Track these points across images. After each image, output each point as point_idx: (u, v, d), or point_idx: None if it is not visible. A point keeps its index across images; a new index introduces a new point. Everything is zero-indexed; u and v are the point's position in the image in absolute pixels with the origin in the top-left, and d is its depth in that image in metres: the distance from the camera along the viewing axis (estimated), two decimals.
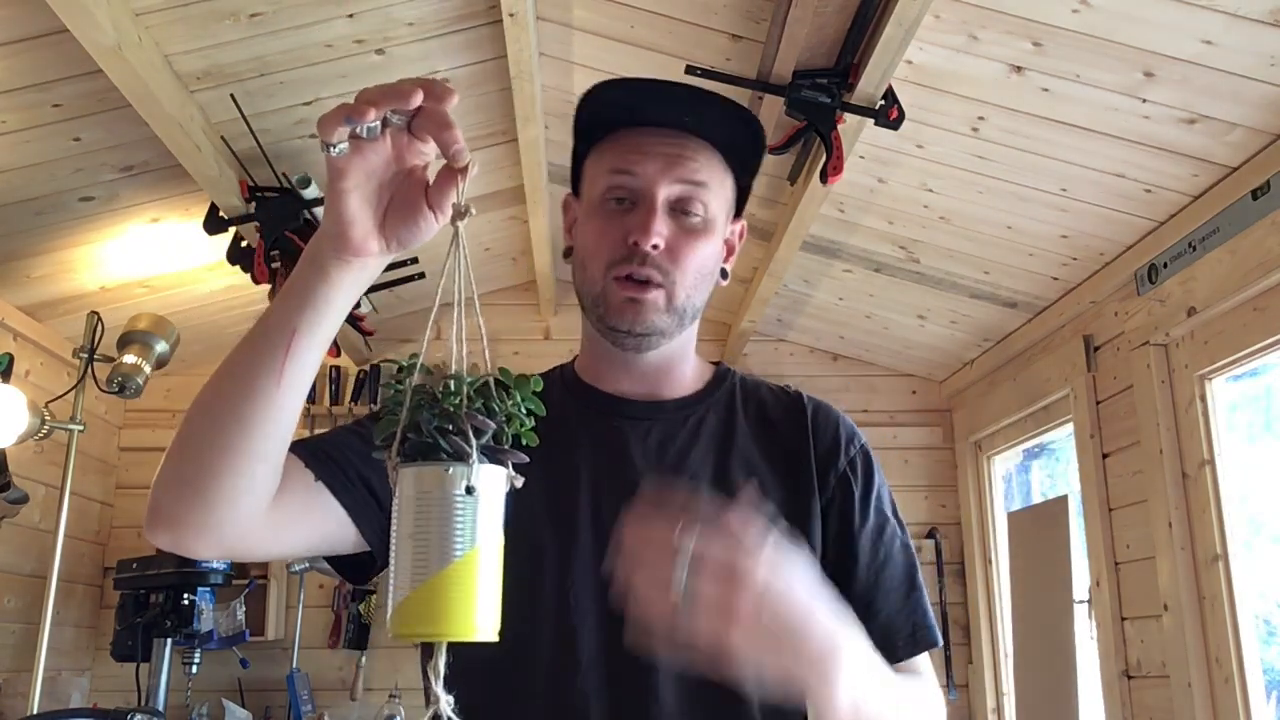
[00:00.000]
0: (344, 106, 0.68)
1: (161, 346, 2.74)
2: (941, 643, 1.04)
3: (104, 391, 2.68)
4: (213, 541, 0.81)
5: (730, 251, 1.09)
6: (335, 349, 2.96)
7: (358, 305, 2.84)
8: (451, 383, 0.66)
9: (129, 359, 2.68)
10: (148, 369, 2.71)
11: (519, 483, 0.67)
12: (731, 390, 1.09)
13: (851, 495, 1.01)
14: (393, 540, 0.65)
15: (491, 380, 0.67)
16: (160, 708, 2.98)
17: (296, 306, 0.76)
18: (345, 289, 0.76)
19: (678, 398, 1.06)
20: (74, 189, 2.42)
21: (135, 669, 2.97)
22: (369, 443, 0.75)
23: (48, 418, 2.62)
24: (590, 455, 1.01)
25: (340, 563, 0.98)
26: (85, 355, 2.67)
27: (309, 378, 0.79)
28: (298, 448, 0.89)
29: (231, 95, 2.20)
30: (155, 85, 1.95)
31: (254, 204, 2.48)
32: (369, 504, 0.92)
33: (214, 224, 2.52)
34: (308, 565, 3.32)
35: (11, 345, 2.81)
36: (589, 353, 1.09)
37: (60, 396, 2.70)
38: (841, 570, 0.99)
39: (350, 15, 2.08)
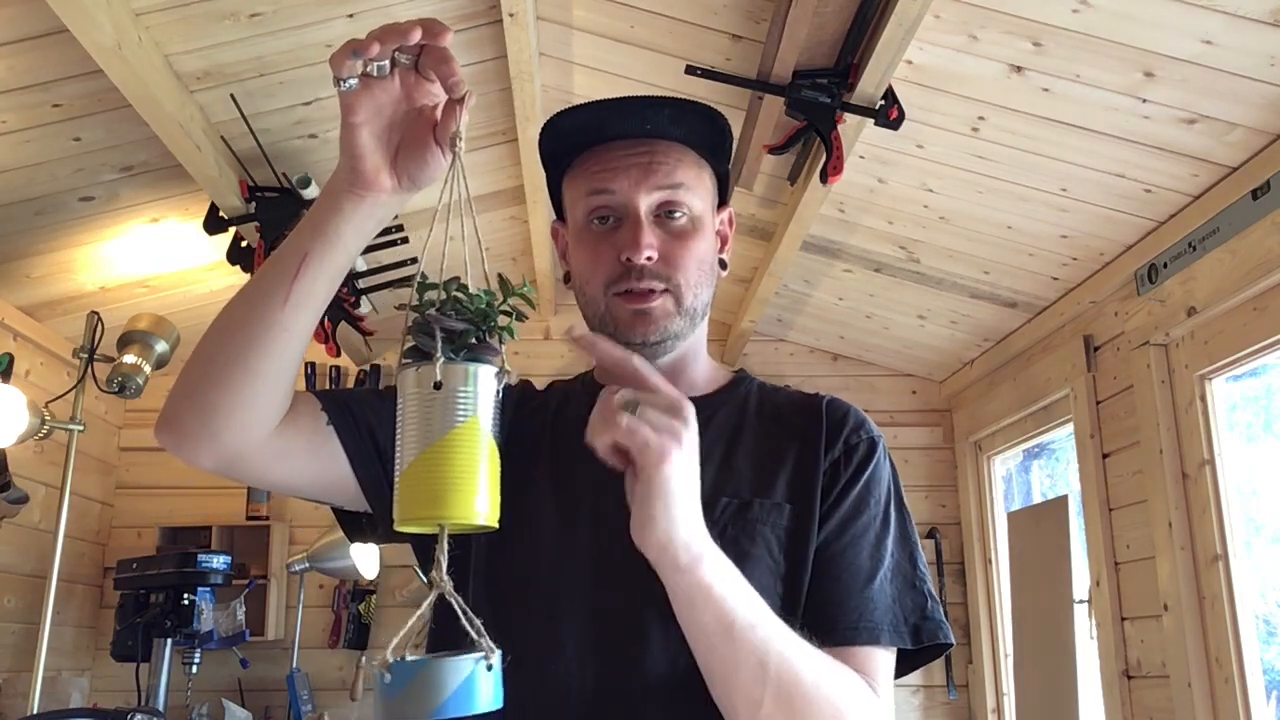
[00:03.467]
0: (352, 41, 0.74)
1: (161, 346, 2.75)
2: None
3: (104, 391, 2.68)
4: (208, 452, 0.86)
5: (724, 242, 1.08)
6: (335, 349, 2.96)
7: (357, 305, 2.85)
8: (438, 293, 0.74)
9: (129, 359, 2.68)
10: (148, 369, 2.71)
11: (513, 379, 0.74)
12: (747, 393, 1.08)
13: (839, 475, 0.99)
14: (396, 444, 0.72)
15: (482, 284, 0.76)
16: (160, 708, 2.98)
17: (310, 234, 0.82)
18: (357, 223, 0.82)
19: (690, 397, 1.06)
20: (74, 189, 2.42)
21: (135, 669, 2.96)
22: (387, 403, 0.82)
23: (48, 418, 2.62)
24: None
25: (344, 515, 1.02)
26: (85, 355, 2.67)
27: (316, 308, 0.84)
28: (318, 393, 0.97)
29: (231, 95, 2.20)
30: (155, 85, 1.95)
31: (254, 204, 2.48)
32: (370, 454, 0.96)
33: (214, 224, 2.52)
34: (308, 565, 3.32)
35: (11, 345, 2.81)
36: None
37: (60, 396, 2.70)
38: (818, 542, 0.97)
39: (350, 15, 2.08)
